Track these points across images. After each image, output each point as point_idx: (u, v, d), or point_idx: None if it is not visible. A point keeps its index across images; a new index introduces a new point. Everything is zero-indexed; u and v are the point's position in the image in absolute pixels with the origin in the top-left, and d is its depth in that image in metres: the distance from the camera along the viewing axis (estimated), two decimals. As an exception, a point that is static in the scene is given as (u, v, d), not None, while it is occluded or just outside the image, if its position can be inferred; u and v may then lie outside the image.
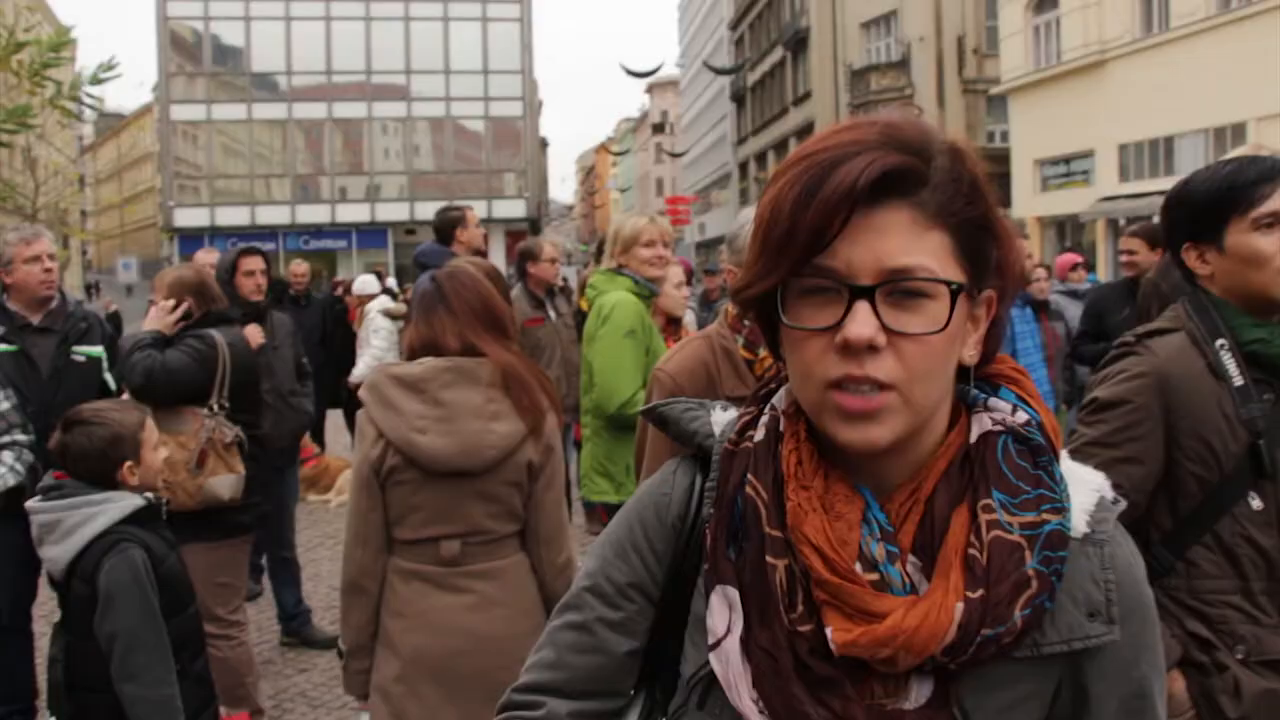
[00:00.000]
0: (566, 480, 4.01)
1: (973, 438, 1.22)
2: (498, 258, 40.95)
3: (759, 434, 1.28)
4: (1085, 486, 1.24)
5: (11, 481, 4.06)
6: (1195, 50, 24.45)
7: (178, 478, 4.56)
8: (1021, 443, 1.21)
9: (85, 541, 3.32)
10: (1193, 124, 24.92)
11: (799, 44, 47.39)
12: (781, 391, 1.31)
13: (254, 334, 5.88)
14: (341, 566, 3.37)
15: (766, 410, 1.30)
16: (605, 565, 1.38)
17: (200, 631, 3.68)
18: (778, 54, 51.93)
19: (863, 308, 1.11)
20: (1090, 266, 18.00)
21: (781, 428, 1.27)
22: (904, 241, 1.12)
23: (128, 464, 3.47)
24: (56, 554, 3.34)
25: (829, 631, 1.14)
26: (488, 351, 3.31)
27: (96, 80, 12.14)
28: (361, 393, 3.35)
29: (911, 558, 1.18)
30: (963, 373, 1.24)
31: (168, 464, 4.24)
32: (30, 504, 3.41)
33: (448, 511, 3.27)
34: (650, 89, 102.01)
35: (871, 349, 1.11)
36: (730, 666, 1.21)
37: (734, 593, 1.22)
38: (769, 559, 1.19)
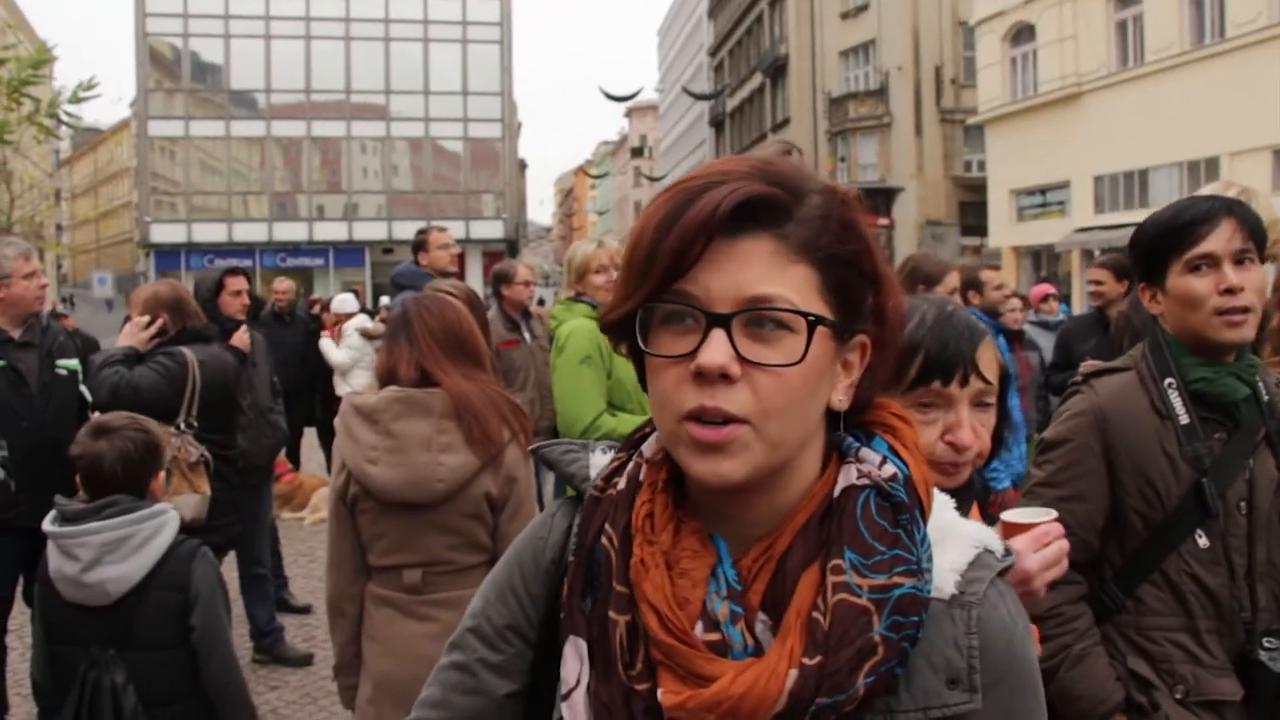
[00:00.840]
0: (541, 503, 4.01)
1: (836, 491, 1.17)
2: (475, 278, 40.96)
3: (622, 481, 1.24)
4: (962, 542, 1.20)
5: None
6: (1170, 84, 24.72)
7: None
8: (884, 499, 1.15)
9: (161, 552, 3.24)
10: (1167, 157, 25.16)
11: (778, 71, 47.66)
12: (652, 437, 1.27)
13: (242, 339, 5.88)
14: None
15: (634, 457, 1.27)
16: (487, 606, 1.36)
17: None
18: (757, 80, 52.21)
19: (718, 335, 1.08)
20: (1065, 298, 18.14)
21: (642, 476, 1.23)
22: (764, 271, 1.10)
23: (160, 473, 3.46)
24: (124, 571, 3.18)
25: (660, 693, 1.11)
26: (444, 381, 3.27)
27: (76, 99, 12.14)
28: (336, 421, 3.39)
29: (762, 615, 1.13)
30: (845, 419, 1.22)
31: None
32: (91, 525, 3.17)
33: (406, 541, 3.28)
34: (629, 113, 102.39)
35: (725, 379, 1.08)
36: (577, 718, 1.20)
37: (583, 644, 1.20)
38: (612, 614, 1.16)
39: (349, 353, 9.69)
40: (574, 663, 1.21)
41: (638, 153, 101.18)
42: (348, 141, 48.73)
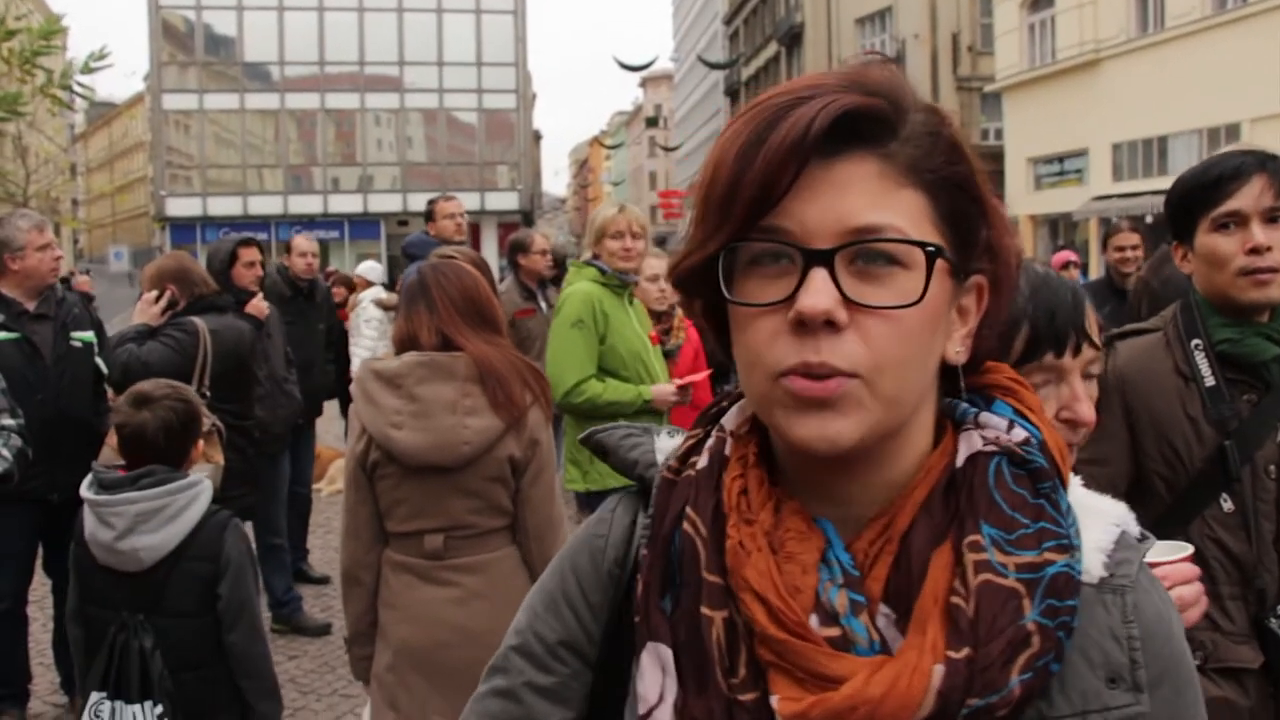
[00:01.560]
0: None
1: (959, 460, 1.00)
2: (490, 249, 40.94)
3: (702, 459, 1.07)
4: (1101, 519, 1.03)
5: None
6: (1190, 50, 24.49)
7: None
8: (1019, 466, 0.99)
9: (194, 523, 3.29)
10: (1186, 124, 24.96)
11: (793, 39, 47.37)
12: (733, 410, 1.10)
13: (258, 307, 5.89)
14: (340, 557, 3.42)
15: (714, 432, 1.09)
16: (535, 621, 1.17)
17: None
18: (772, 49, 51.91)
19: (819, 275, 0.91)
20: (1084, 266, 18.03)
21: (728, 451, 1.06)
22: (870, 198, 0.93)
23: (200, 442, 3.52)
24: (156, 540, 3.23)
25: (774, 700, 0.93)
26: (465, 346, 3.28)
27: (88, 69, 12.12)
28: (352, 387, 3.38)
29: (884, 608, 0.95)
30: (950, 382, 1.05)
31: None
32: (127, 494, 3.22)
33: (429, 506, 3.28)
34: (644, 83, 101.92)
35: (831, 326, 0.91)
36: None
37: (667, 652, 1.01)
38: (705, 610, 0.98)
39: (374, 328, 9.65)
40: (654, 675, 1.02)
41: (653, 123, 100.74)
42: (362, 114, 48.70)
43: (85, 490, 3.31)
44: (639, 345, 4.93)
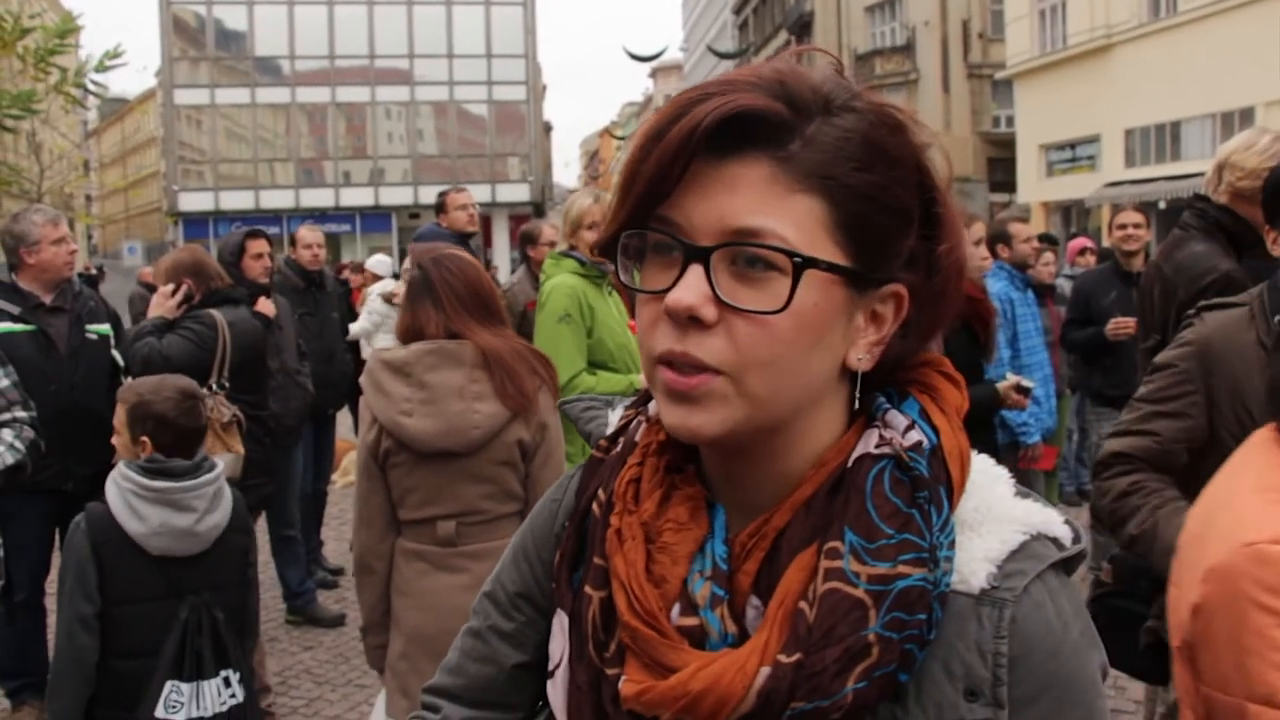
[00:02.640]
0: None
1: (850, 460, 1.00)
2: (501, 242, 41.00)
3: (623, 440, 1.13)
4: (1005, 527, 1.00)
5: (10, 460, 4.08)
6: (1203, 34, 24.38)
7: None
8: (903, 471, 0.98)
9: (233, 499, 3.54)
10: (1199, 109, 24.86)
11: (803, 28, 47.21)
12: None
13: (266, 306, 5.93)
14: (352, 547, 3.45)
15: (639, 413, 1.15)
16: (502, 571, 1.28)
17: None
18: (781, 38, 51.72)
19: (694, 272, 0.93)
20: (1099, 253, 17.96)
21: (638, 436, 1.11)
22: (755, 200, 0.93)
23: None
24: (219, 518, 3.46)
25: (621, 680, 0.99)
26: (472, 338, 3.33)
27: (102, 67, 12.20)
28: (362, 378, 3.41)
29: (756, 601, 0.99)
30: (883, 377, 1.06)
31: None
32: (204, 478, 3.41)
33: (441, 492, 3.32)
34: (654, 73, 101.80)
35: (697, 322, 0.93)
36: (556, 699, 1.11)
37: (566, 620, 1.10)
38: (588, 589, 1.06)
39: (369, 318, 9.71)
40: (560, 639, 1.12)
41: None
42: (372, 107, 48.69)
43: (147, 482, 3.33)
44: (623, 335, 4.89)
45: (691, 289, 0.93)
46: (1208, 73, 23.72)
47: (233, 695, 3.38)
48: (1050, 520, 1.02)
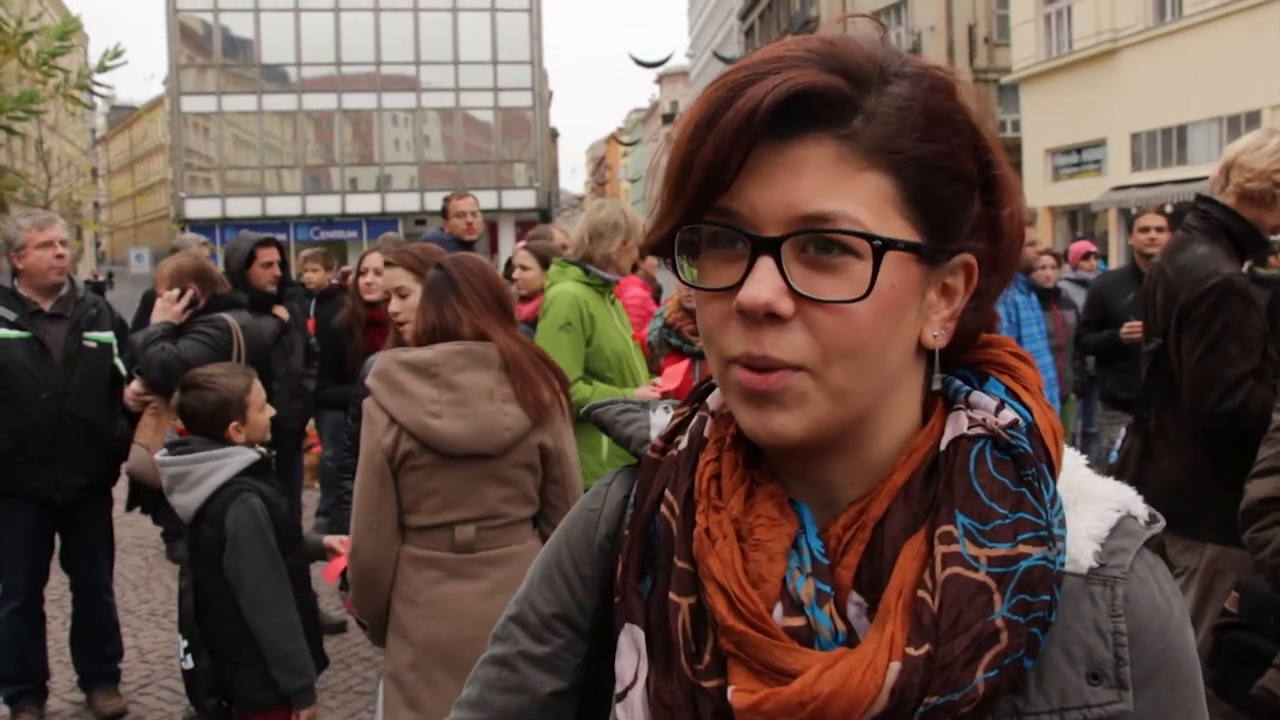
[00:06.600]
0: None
1: (943, 443, 0.96)
2: (507, 247, 40.93)
3: (685, 439, 1.05)
4: (1099, 505, 0.97)
5: None
6: (1209, 38, 24.33)
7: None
8: (1003, 451, 0.94)
9: (211, 491, 3.63)
10: (1206, 113, 24.81)
11: (809, 34, 47.28)
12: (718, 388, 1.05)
13: (281, 312, 5.95)
14: (349, 555, 3.34)
15: (699, 410, 1.08)
16: (531, 592, 1.18)
17: (307, 567, 3.93)
18: (788, 44, 51.84)
19: (765, 265, 0.88)
20: (1103, 256, 17.94)
21: (706, 432, 1.04)
22: (823, 183, 0.88)
23: (234, 424, 3.77)
24: (185, 501, 3.67)
25: (730, 691, 0.91)
26: (495, 338, 3.31)
27: (104, 67, 12.20)
28: (369, 380, 3.30)
29: (855, 596, 0.93)
30: (945, 360, 1.01)
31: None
32: (159, 457, 3.74)
33: (463, 496, 3.25)
34: (660, 79, 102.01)
35: (774, 318, 0.88)
36: None
37: (641, 633, 1.01)
38: (673, 596, 0.97)
39: None
40: (630, 656, 1.02)
41: (669, 119, 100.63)
42: (379, 114, 48.83)
43: (159, 454, 3.81)
44: (623, 345, 4.88)
45: (765, 283, 0.87)
46: (1214, 76, 23.67)
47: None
48: (1133, 498, 0.99)
